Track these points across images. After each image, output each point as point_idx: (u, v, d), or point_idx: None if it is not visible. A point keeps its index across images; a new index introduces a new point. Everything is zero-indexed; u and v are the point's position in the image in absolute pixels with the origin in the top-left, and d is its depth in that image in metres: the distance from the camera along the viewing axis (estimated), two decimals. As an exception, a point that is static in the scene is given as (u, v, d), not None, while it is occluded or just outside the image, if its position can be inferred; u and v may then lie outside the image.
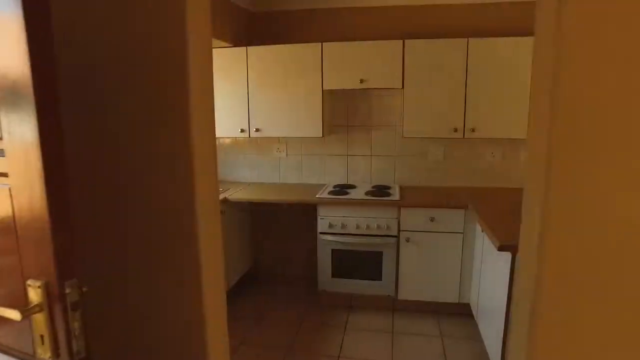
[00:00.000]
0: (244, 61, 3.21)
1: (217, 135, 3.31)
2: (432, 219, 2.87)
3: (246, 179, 3.76)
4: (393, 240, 2.96)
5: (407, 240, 2.94)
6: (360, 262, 3.07)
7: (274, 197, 3.14)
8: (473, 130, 2.94)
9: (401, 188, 3.32)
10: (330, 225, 3.04)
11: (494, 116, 2.91)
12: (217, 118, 3.19)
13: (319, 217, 3.07)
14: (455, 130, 2.96)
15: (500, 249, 1.98)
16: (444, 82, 2.94)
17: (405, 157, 3.43)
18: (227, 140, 3.75)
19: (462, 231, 2.85)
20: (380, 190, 3.21)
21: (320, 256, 3.13)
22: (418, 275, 2.98)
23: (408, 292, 3.03)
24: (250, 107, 3.25)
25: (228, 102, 3.27)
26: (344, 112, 3.48)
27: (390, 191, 3.19)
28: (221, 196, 3.14)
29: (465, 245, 2.87)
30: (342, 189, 3.32)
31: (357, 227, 3.00)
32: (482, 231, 2.51)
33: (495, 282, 2.27)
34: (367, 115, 3.44)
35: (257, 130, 3.26)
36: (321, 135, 3.17)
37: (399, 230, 2.95)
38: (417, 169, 3.42)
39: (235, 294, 3.41)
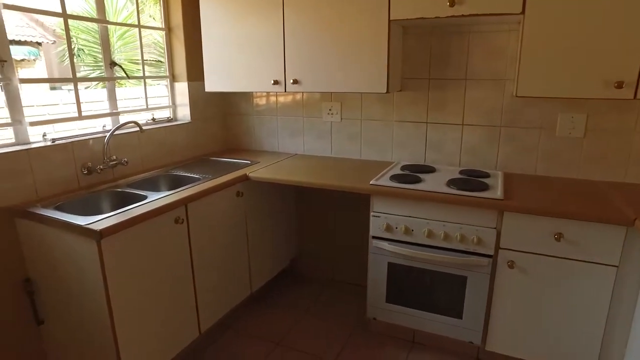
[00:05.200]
0: (281, -18, 2.21)
1: (242, 89, 2.42)
2: (558, 236, 1.70)
3: (287, 149, 2.85)
4: (486, 261, 1.85)
5: (511, 265, 1.81)
6: (430, 288, 2.02)
7: (309, 177, 2.17)
8: (655, 85, 1.65)
9: (506, 177, 2.14)
10: (389, 228, 2.02)
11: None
12: (243, 66, 2.26)
13: (372, 214, 2.06)
14: (618, 85, 1.69)
15: None
16: (598, 1, 1.66)
17: (518, 130, 2.21)
18: (262, 100, 2.85)
19: (616, 263, 1.64)
20: (473, 180, 2.07)
21: (371, 270, 2.14)
22: (524, 320, 1.85)
23: (503, 343, 1.92)
24: (287, 51, 2.27)
25: (256, 44, 2.32)
26: (423, 57, 2.34)
27: (489, 181, 2.04)
28: (241, 172, 2.27)
29: (621, 286, 1.66)
30: (413, 172, 2.24)
31: (430, 234, 1.93)
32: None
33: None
34: (460, 62, 2.26)
35: (294, 82, 2.29)
36: (385, 91, 2.10)
37: (497, 248, 1.83)
38: (535, 149, 2.20)
39: (259, 301, 2.58)
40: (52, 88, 3.37)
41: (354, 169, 2.37)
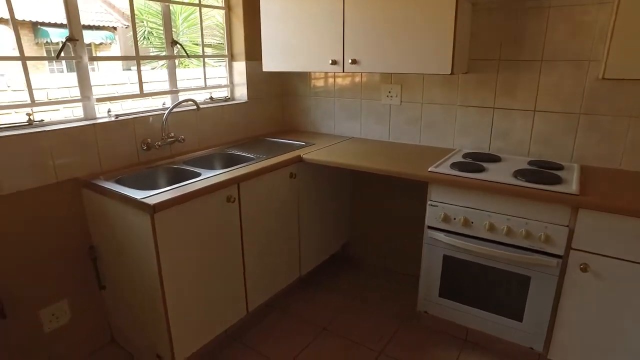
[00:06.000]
0: (343, -45, 2.11)
1: (299, 69, 2.36)
2: (645, 240, 1.49)
3: (344, 132, 2.78)
4: (554, 261, 1.68)
5: (584, 268, 1.62)
6: (488, 285, 1.88)
7: (364, 161, 2.09)
8: None
9: (583, 170, 1.92)
10: (446, 219, 1.90)
11: None
12: (300, 45, 2.21)
13: (429, 203, 1.94)
14: None
15: None
16: None
17: (601, 118, 1.97)
18: (320, 81, 2.78)
19: None
20: (544, 171, 1.88)
21: (425, 262, 2.03)
22: (596, 331, 1.66)
23: (569, 354, 1.75)
24: (347, 28, 2.18)
25: (315, 23, 2.25)
26: (494, 37, 2.14)
27: (562, 174, 1.85)
28: (295, 153, 2.24)
29: None
30: (476, 160, 2.08)
31: (492, 228, 1.79)
32: None
33: None
34: (536, 41, 2.04)
35: (353, 62, 2.20)
36: (449, 73, 1.95)
37: (568, 248, 1.65)
38: (621, 140, 1.95)
39: (307, 284, 2.57)
40: (125, 69, 3.55)
41: (412, 155, 2.25)
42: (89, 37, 7.41)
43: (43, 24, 7.08)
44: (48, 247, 1.78)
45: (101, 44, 7.48)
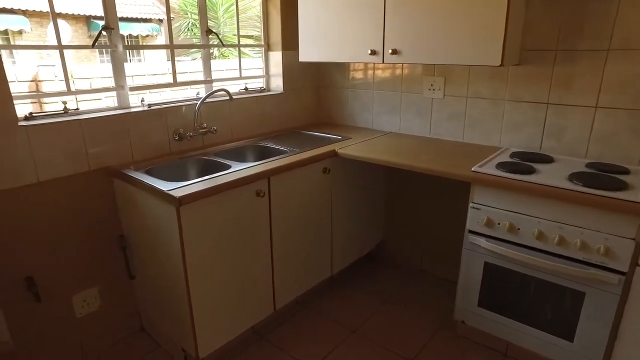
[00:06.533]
0: (386, -63, 1.98)
1: (336, 60, 2.24)
2: None
3: (382, 127, 2.65)
4: (615, 278, 1.49)
5: (650, 287, 1.43)
6: (534, 298, 1.71)
7: (402, 158, 1.96)
8: None
9: (653, 175, 1.70)
10: (490, 223, 1.74)
11: None
12: (338, 34, 2.07)
13: (471, 205, 1.79)
14: None
15: None
16: None
17: (676, 115, 1.73)
18: (358, 73, 2.66)
19: None
20: (604, 175, 1.68)
21: (464, 268, 1.88)
22: (661, 357, 1.47)
23: (629, 379, 1.56)
24: (387, 16, 2.04)
25: (354, 10, 2.13)
26: (551, 24, 1.93)
27: (628, 179, 1.64)
28: (330, 148, 2.15)
29: None
30: (525, 160, 1.90)
31: (541, 236, 1.62)
32: None
33: None
34: (602, 29, 1.82)
35: (393, 52, 2.06)
36: (499, 64, 1.77)
37: (634, 264, 1.45)
38: (699, 141, 1.71)
39: (339, 284, 2.48)
40: (168, 59, 3.57)
41: (454, 152, 2.10)
42: (136, 29, 7.65)
43: (96, 17, 7.40)
44: (80, 235, 1.80)
45: (147, 35, 7.70)
